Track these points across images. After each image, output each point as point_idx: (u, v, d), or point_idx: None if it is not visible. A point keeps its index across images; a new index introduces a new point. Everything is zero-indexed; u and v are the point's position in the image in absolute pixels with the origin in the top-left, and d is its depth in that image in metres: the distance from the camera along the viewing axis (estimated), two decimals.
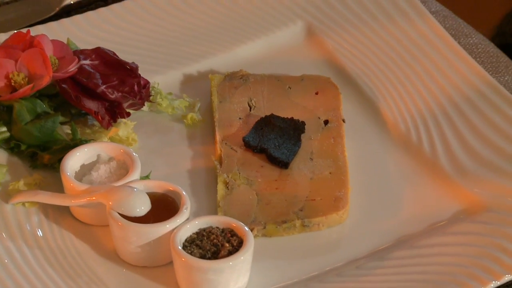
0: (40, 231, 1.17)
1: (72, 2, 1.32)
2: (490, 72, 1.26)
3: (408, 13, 1.29)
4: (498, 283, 1.10)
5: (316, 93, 1.26)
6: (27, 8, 1.31)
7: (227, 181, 1.20)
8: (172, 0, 1.33)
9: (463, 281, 1.10)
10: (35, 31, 1.23)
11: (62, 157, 1.18)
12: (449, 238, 1.16)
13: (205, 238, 1.12)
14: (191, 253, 1.10)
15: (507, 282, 1.11)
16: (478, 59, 1.28)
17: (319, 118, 1.24)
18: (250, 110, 1.24)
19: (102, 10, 1.30)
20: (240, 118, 1.24)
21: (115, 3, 1.32)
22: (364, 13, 1.31)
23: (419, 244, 1.16)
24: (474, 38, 1.33)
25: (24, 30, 1.23)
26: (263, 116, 1.23)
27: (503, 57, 1.31)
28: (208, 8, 1.30)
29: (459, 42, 1.27)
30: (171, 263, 1.12)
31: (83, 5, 1.30)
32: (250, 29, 1.31)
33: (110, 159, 1.19)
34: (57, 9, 1.29)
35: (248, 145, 1.22)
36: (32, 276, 1.12)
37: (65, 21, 1.28)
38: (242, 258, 1.10)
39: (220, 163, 1.21)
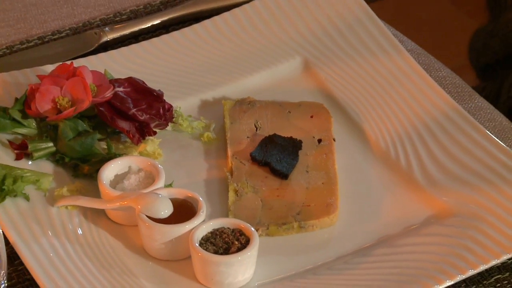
0: (80, 229, 1.16)
1: (108, 39, 1.31)
2: (456, 100, 1.25)
3: (388, 51, 1.28)
4: (463, 276, 1.10)
5: (311, 117, 1.25)
6: (71, 44, 1.30)
7: (237, 189, 1.19)
8: (192, 40, 1.33)
9: (433, 275, 1.10)
10: (77, 63, 1.23)
11: (99, 168, 1.18)
12: (422, 238, 1.16)
13: (218, 237, 1.12)
14: (206, 249, 1.10)
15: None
16: (446, 89, 1.27)
17: (313, 137, 1.23)
18: (256, 130, 1.24)
19: (133, 46, 1.30)
20: (248, 137, 1.23)
21: (144, 40, 1.30)
22: (352, 51, 1.30)
23: (397, 243, 1.16)
24: (443, 72, 1.33)
25: (68, 62, 1.23)
26: (267, 135, 1.23)
27: (467, 87, 1.31)
28: (221, 45, 1.30)
29: (430, 75, 1.27)
30: (189, 257, 1.12)
31: (117, 41, 1.29)
32: (256, 63, 1.30)
33: (139, 170, 1.19)
34: (96, 45, 1.29)
35: (254, 160, 1.21)
36: (73, 267, 1.11)
37: (102, 55, 1.27)
38: (249, 253, 1.10)
39: (231, 174, 1.21)
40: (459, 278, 1.10)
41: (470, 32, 2.64)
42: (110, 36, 1.35)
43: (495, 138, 1.23)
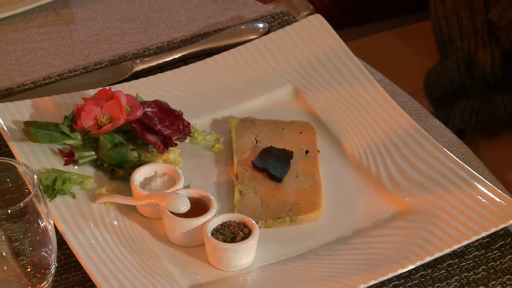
0: (115, 221, 1.15)
1: (139, 69, 1.32)
2: (415, 120, 1.25)
3: (361, 80, 1.29)
4: (422, 262, 1.09)
5: (300, 133, 1.25)
6: (109, 73, 1.31)
7: (241, 190, 1.19)
8: (206, 71, 1.33)
9: (398, 260, 1.09)
10: (114, 88, 1.23)
11: (131, 172, 1.18)
12: (389, 231, 1.15)
13: (226, 228, 1.12)
14: (216, 238, 1.10)
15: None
16: (407, 111, 1.28)
17: (302, 149, 1.23)
18: (256, 143, 1.23)
19: (159, 75, 1.30)
20: (249, 148, 1.23)
21: (167, 71, 1.31)
22: (332, 80, 1.31)
23: (369, 234, 1.15)
24: (404, 98, 1.33)
25: (107, 88, 1.23)
26: (265, 147, 1.22)
27: (424, 110, 1.30)
28: (228, 75, 1.31)
29: (394, 100, 1.26)
30: (203, 244, 1.11)
31: (146, 71, 1.30)
32: (256, 89, 1.30)
33: (163, 174, 1.18)
34: (129, 74, 1.30)
35: (255, 166, 1.21)
36: (109, 251, 1.11)
37: (134, 82, 1.27)
38: (251, 242, 1.09)
39: (236, 178, 1.20)
40: (418, 263, 1.09)
41: (423, 69, 2.63)
42: (140, 67, 1.34)
43: (446, 150, 1.22)
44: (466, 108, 2.01)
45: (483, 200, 1.15)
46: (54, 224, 1.01)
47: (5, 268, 1.01)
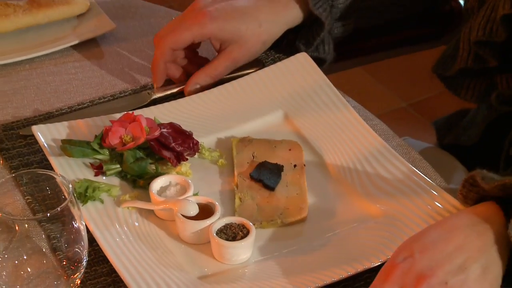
0: (136, 223, 1.14)
1: (156, 97, 1.33)
2: (385, 140, 1.25)
3: (340, 107, 1.29)
4: (390, 256, 1.06)
5: (289, 150, 1.24)
6: (132, 100, 1.32)
7: (241, 197, 1.18)
8: (212, 98, 1.33)
9: (371, 255, 1.09)
10: (136, 112, 1.23)
11: (150, 182, 1.17)
12: (363, 231, 1.14)
13: (228, 229, 1.11)
14: (220, 237, 1.09)
15: None
16: (377, 132, 1.27)
17: (291, 163, 1.22)
18: (253, 158, 1.22)
19: (172, 102, 1.31)
20: (248, 163, 1.22)
21: (180, 98, 1.31)
22: (315, 106, 1.30)
23: (346, 234, 1.14)
24: (375, 121, 1.33)
25: (130, 112, 1.23)
26: (260, 162, 1.21)
27: (391, 132, 1.30)
28: (231, 101, 1.31)
29: (367, 123, 1.27)
30: (209, 242, 1.10)
31: (162, 99, 1.29)
32: (253, 114, 1.30)
33: (176, 184, 1.17)
34: (148, 101, 1.30)
35: (252, 178, 1.20)
36: (131, 248, 1.10)
37: (152, 108, 1.28)
38: (248, 241, 1.09)
39: (237, 187, 1.19)
40: (387, 258, 1.07)
41: (388, 97, 2.63)
42: (158, 95, 1.34)
43: (410, 164, 1.21)
44: None
45: (439, 205, 1.14)
46: (86, 225, 1.00)
47: (44, 261, 1.00)
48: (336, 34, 1.41)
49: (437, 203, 1.15)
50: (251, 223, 1.11)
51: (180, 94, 1.34)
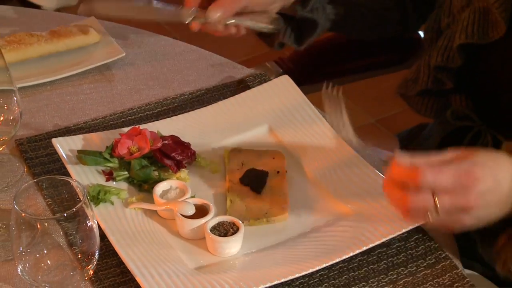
0: (142, 221, 1.14)
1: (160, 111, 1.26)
2: (355, 150, 1.24)
3: (316, 122, 1.29)
4: (360, 250, 1.08)
5: (273, 158, 1.23)
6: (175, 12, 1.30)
7: (231, 199, 1.17)
8: (207, 115, 1.32)
9: (343, 249, 1.08)
10: (142, 127, 1.23)
11: (153, 186, 1.16)
12: (336, 228, 1.13)
13: (220, 226, 1.10)
14: (214, 234, 1.08)
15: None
16: (349, 143, 1.25)
17: (274, 170, 1.21)
18: (242, 165, 1.21)
19: (173, 118, 1.30)
20: (237, 169, 1.20)
21: (179, 114, 1.31)
22: (295, 120, 1.30)
23: (322, 230, 1.14)
24: (358, 142, 1.31)
25: (137, 126, 1.23)
26: (248, 168, 1.20)
27: (361, 142, 1.28)
28: (223, 117, 1.30)
29: (340, 136, 1.25)
30: (204, 237, 1.10)
31: (164, 115, 1.24)
32: (243, 127, 1.29)
33: (176, 188, 1.16)
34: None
35: (241, 182, 1.19)
36: (138, 243, 1.09)
37: (156, 122, 1.28)
38: (238, 236, 1.08)
39: (228, 190, 1.18)
40: (357, 251, 1.08)
41: (358, 114, 2.63)
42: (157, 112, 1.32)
43: (376, 170, 1.20)
44: None
45: None
46: (98, 223, 0.99)
47: (62, 255, 1.00)
48: (328, 15, 1.38)
49: None
50: (240, 221, 1.10)
51: (180, 111, 1.33)
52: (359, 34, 1.47)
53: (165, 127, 1.26)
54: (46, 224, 0.97)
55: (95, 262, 0.98)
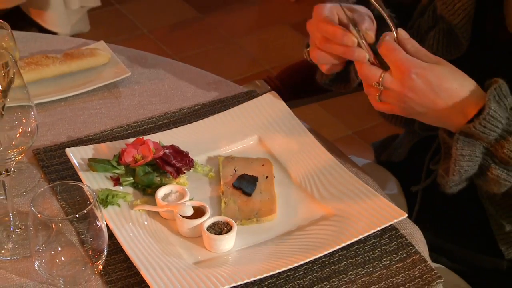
0: (146, 221, 1.13)
1: (162, 123, 1.26)
2: (335, 158, 1.24)
3: (300, 133, 1.29)
4: (340, 246, 1.08)
5: (263, 165, 1.23)
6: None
7: (225, 201, 1.16)
8: (203, 127, 1.31)
9: (325, 245, 1.08)
10: (145, 137, 1.21)
11: (156, 190, 1.15)
12: (319, 227, 1.13)
13: (215, 225, 1.09)
14: (210, 232, 1.08)
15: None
16: (329, 152, 1.26)
17: (263, 175, 1.20)
18: (235, 172, 1.21)
19: (174, 130, 1.29)
20: (231, 175, 1.20)
21: (179, 126, 1.29)
22: (281, 131, 1.30)
23: (307, 228, 1.13)
24: (328, 144, 1.32)
25: (141, 137, 1.22)
26: (240, 174, 1.20)
27: (340, 151, 1.29)
28: (219, 129, 1.29)
29: (322, 145, 1.25)
30: (201, 236, 1.09)
31: (166, 127, 1.23)
32: (235, 138, 1.28)
33: (176, 191, 1.16)
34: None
35: (234, 186, 1.18)
36: (141, 240, 1.09)
37: (158, 133, 1.27)
38: (231, 234, 1.08)
39: (222, 193, 1.18)
40: (337, 247, 1.08)
41: (338, 126, 2.63)
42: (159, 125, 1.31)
43: (354, 176, 1.20)
44: None
45: (377, 207, 1.14)
46: (106, 223, 0.99)
47: (74, 252, 0.99)
48: None
49: (374, 205, 1.14)
50: (233, 221, 1.10)
51: (180, 123, 1.32)
52: None
53: (166, 138, 1.26)
54: (60, 224, 0.97)
55: (104, 258, 0.98)
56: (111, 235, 1.06)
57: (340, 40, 1.10)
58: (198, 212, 1.11)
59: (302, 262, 1.06)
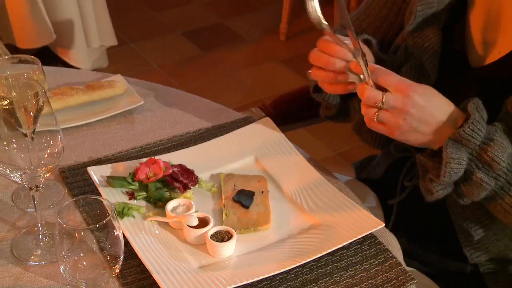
0: (157, 231, 1.12)
1: (171, 146, 1.24)
2: (322, 175, 1.23)
3: (291, 153, 1.27)
4: (326, 252, 1.07)
5: (258, 181, 1.23)
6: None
7: (226, 213, 1.16)
8: (206, 148, 1.29)
9: (314, 251, 1.08)
10: (156, 157, 1.19)
11: (166, 203, 1.15)
12: (308, 235, 1.13)
13: (218, 234, 1.09)
14: (213, 240, 1.07)
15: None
16: (316, 170, 1.25)
17: (260, 190, 1.20)
18: (234, 187, 1.20)
19: (181, 151, 1.28)
20: (231, 190, 1.20)
21: (186, 148, 1.27)
22: (274, 153, 1.28)
23: (297, 237, 1.13)
24: (314, 163, 1.30)
25: (153, 157, 1.20)
26: (239, 189, 1.19)
27: (325, 169, 1.28)
28: (220, 152, 1.27)
29: (310, 164, 1.24)
30: (205, 243, 1.09)
31: (173, 149, 1.22)
32: (234, 158, 1.26)
33: (184, 204, 1.15)
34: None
35: (234, 200, 1.18)
36: (153, 247, 1.08)
37: (167, 154, 1.26)
38: (232, 242, 1.07)
39: (224, 206, 1.17)
40: (324, 252, 1.07)
41: (322, 148, 2.63)
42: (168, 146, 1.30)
43: (338, 190, 1.20)
44: None
45: (359, 218, 1.14)
46: (123, 233, 0.99)
47: (95, 257, 0.99)
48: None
49: (355, 216, 1.14)
50: (233, 230, 1.09)
51: (187, 145, 1.32)
52: None
53: (175, 158, 1.26)
54: (82, 233, 0.96)
55: (120, 263, 0.98)
56: (126, 243, 1.06)
57: (337, 54, 1.10)
58: (203, 223, 1.11)
59: (293, 266, 1.05)
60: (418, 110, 1.02)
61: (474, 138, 1.00)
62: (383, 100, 1.01)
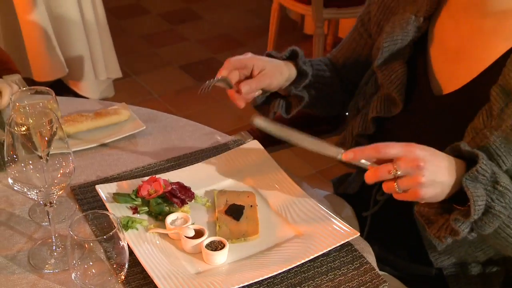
0: (158, 241, 1.12)
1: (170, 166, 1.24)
2: (303, 190, 1.22)
3: (276, 172, 1.27)
4: (309, 258, 1.07)
5: (248, 196, 1.23)
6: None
7: (219, 225, 1.16)
8: (201, 169, 1.28)
9: (298, 257, 1.07)
10: (157, 176, 1.17)
11: (165, 217, 1.15)
12: (292, 244, 1.13)
13: (212, 244, 1.09)
14: (207, 249, 1.07)
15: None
16: (298, 185, 1.24)
17: (249, 205, 1.20)
18: (226, 202, 1.20)
19: (179, 170, 1.27)
20: (224, 205, 1.20)
21: (183, 167, 1.26)
22: (262, 172, 1.28)
23: (282, 245, 1.12)
24: (297, 179, 1.29)
25: (154, 176, 1.19)
26: (231, 204, 1.19)
27: (306, 185, 1.28)
28: (212, 170, 1.25)
29: (293, 180, 1.23)
30: (201, 252, 1.09)
31: (171, 169, 1.22)
32: (226, 177, 1.24)
33: (181, 217, 1.15)
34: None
35: (226, 213, 1.18)
36: (154, 255, 1.08)
37: (167, 173, 1.25)
38: (225, 251, 1.07)
39: (217, 219, 1.17)
40: (307, 259, 1.07)
41: (304, 167, 2.63)
42: (167, 166, 1.30)
43: (319, 205, 1.20)
44: None
45: (337, 228, 1.14)
46: (127, 243, 0.99)
47: (102, 265, 0.98)
48: (311, 95, 1.34)
49: (334, 226, 1.15)
50: (226, 240, 1.09)
51: (184, 165, 1.32)
52: (322, 110, 1.44)
53: (173, 176, 1.26)
54: (91, 244, 0.96)
55: (125, 270, 0.97)
56: (131, 252, 1.06)
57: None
58: (199, 234, 1.11)
59: (279, 271, 1.05)
60: (428, 162, 0.91)
61: (488, 173, 0.94)
62: (395, 166, 0.92)
